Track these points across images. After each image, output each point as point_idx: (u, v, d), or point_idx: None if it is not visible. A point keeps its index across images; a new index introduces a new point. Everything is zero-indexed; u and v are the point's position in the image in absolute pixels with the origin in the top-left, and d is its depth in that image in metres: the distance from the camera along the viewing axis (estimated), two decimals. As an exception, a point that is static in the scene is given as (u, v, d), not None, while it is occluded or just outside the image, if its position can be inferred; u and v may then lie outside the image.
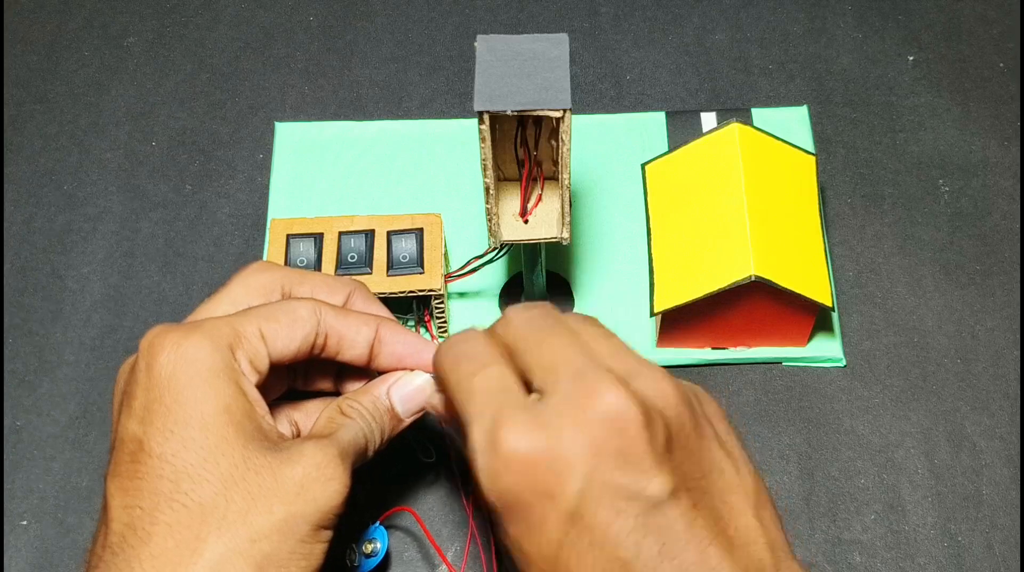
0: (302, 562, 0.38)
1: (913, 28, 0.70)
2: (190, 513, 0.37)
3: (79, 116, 0.67)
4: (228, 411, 0.39)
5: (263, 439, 0.39)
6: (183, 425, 0.38)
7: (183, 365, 0.39)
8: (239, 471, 0.38)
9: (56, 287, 0.60)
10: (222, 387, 0.39)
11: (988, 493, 0.53)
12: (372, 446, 0.44)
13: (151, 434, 0.38)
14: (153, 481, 0.38)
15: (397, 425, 0.45)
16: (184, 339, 0.40)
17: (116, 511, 0.38)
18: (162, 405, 0.39)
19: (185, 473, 0.38)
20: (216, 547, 0.37)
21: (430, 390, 0.45)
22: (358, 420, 0.43)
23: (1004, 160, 0.64)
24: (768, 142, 0.56)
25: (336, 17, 0.71)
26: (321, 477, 0.39)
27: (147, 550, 0.37)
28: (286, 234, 0.54)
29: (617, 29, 0.70)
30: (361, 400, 0.44)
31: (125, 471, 0.38)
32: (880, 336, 0.58)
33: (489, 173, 0.47)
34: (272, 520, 0.38)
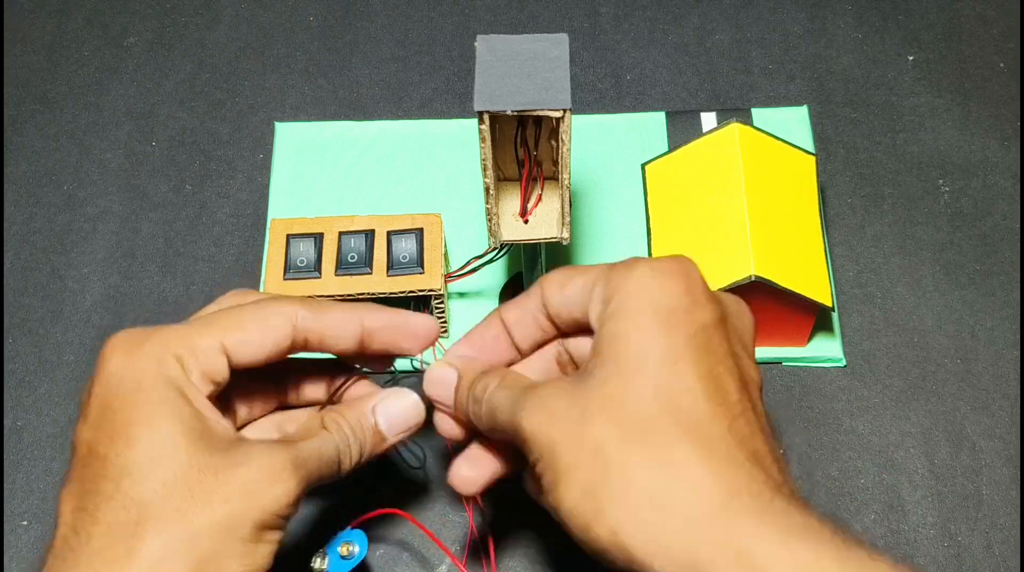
0: (244, 560, 0.38)
1: (913, 28, 0.70)
2: (128, 512, 0.37)
3: (79, 116, 0.67)
4: (175, 414, 0.38)
5: (212, 441, 0.39)
6: (128, 426, 0.38)
7: (132, 372, 0.39)
8: (182, 469, 0.37)
9: (56, 287, 0.60)
10: (168, 394, 0.39)
11: (988, 493, 0.53)
12: (348, 461, 0.43)
13: (99, 438, 0.38)
14: (97, 482, 0.37)
15: (380, 443, 0.44)
16: (136, 348, 0.39)
17: (63, 516, 0.38)
18: (110, 409, 0.38)
19: (127, 472, 0.37)
20: (153, 545, 0.36)
21: (417, 410, 0.45)
22: (334, 433, 0.42)
23: (1004, 160, 0.64)
24: (768, 142, 0.56)
25: (336, 17, 0.71)
26: (265, 479, 0.38)
27: (86, 550, 0.37)
28: (286, 234, 0.54)
29: (617, 29, 0.70)
30: (345, 413, 0.44)
31: (75, 476, 0.38)
32: (880, 336, 0.58)
33: (489, 173, 0.47)
34: (212, 518, 0.37)
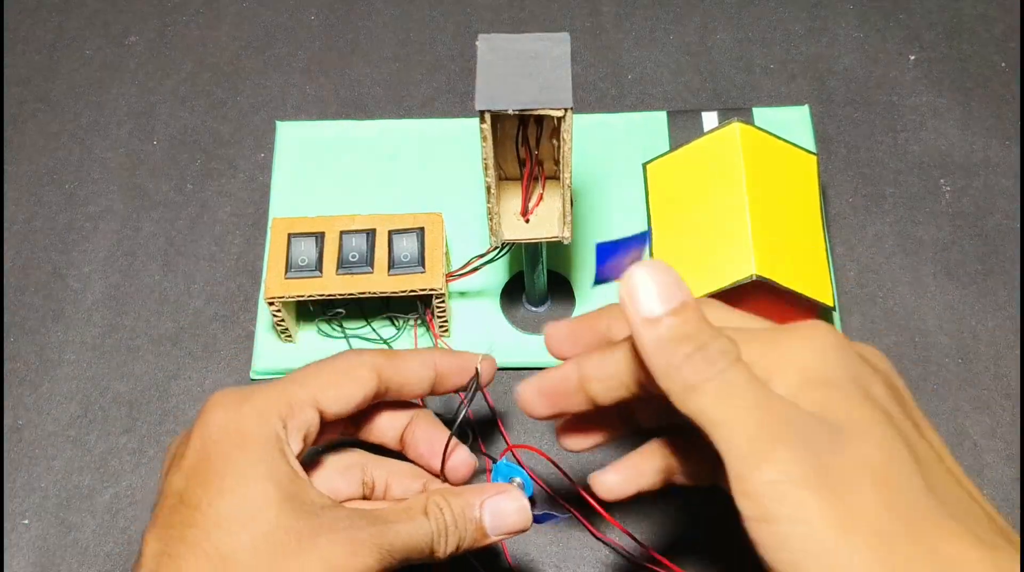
0: None
1: (914, 27, 0.70)
2: (212, 564, 0.37)
3: (80, 115, 0.67)
4: (271, 474, 0.39)
5: (302, 504, 0.40)
6: (223, 477, 0.39)
7: (233, 430, 0.40)
8: (270, 530, 0.38)
9: (57, 286, 0.61)
10: (269, 452, 0.40)
11: (989, 493, 0.53)
12: (442, 549, 0.42)
13: (192, 487, 0.39)
14: (184, 529, 0.38)
15: (481, 539, 0.43)
16: (241, 403, 0.41)
17: (147, 559, 0.39)
18: (208, 463, 0.40)
19: (216, 524, 0.38)
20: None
21: (525, 516, 0.43)
22: (432, 521, 0.41)
23: (1006, 160, 0.64)
24: (769, 141, 0.56)
25: (337, 16, 0.71)
26: (345, 553, 0.39)
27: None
28: (287, 233, 0.54)
29: (619, 28, 0.70)
30: (452, 502, 0.42)
31: (162, 522, 0.39)
32: (881, 336, 0.58)
33: (490, 172, 0.47)
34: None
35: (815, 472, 0.33)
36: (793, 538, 0.32)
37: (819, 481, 0.32)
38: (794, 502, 0.32)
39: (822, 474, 0.33)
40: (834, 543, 0.32)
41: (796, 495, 0.32)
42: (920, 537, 0.32)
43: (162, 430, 0.56)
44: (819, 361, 0.36)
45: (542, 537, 0.52)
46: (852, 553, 0.32)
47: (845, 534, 0.32)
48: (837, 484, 0.33)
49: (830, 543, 0.32)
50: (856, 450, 0.33)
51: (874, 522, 0.32)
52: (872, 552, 0.32)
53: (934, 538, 0.32)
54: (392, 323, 0.57)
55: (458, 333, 0.57)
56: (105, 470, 0.55)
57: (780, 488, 0.33)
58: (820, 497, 0.32)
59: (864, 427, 0.34)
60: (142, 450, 0.55)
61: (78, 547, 0.53)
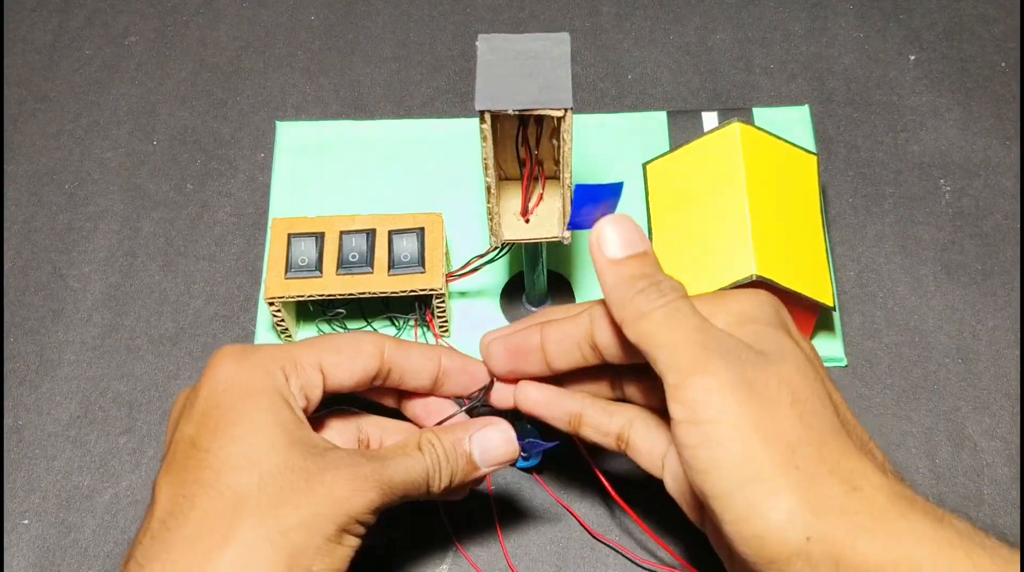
0: (326, 559, 0.40)
1: (914, 27, 0.70)
2: (225, 501, 0.39)
3: (80, 115, 0.67)
4: (277, 420, 0.41)
5: (307, 446, 0.41)
6: (233, 424, 0.41)
7: (240, 379, 0.42)
8: (279, 469, 0.40)
9: (57, 286, 0.61)
10: (274, 400, 0.42)
11: (989, 493, 0.53)
12: (436, 483, 0.44)
13: (203, 433, 0.41)
14: (197, 471, 0.40)
15: (472, 471, 0.45)
16: (245, 357, 0.43)
17: (161, 501, 0.40)
18: (217, 410, 0.42)
19: (228, 464, 0.40)
20: (248, 533, 0.39)
21: (512, 446, 0.46)
22: (426, 455, 0.44)
23: (1006, 160, 0.64)
24: (769, 141, 0.56)
25: (337, 16, 0.71)
26: (349, 487, 0.41)
27: (183, 533, 0.39)
28: (287, 233, 0.54)
29: (618, 28, 0.70)
30: (441, 437, 0.45)
31: (176, 467, 0.41)
32: (881, 336, 0.58)
33: (490, 172, 0.47)
34: (300, 516, 0.40)
35: (742, 383, 0.37)
36: (715, 438, 0.36)
37: (745, 391, 0.37)
38: (720, 406, 0.37)
39: (747, 386, 0.37)
40: (751, 444, 0.36)
41: (723, 400, 0.37)
42: (827, 451, 0.37)
43: (162, 430, 0.56)
44: (753, 306, 0.41)
45: (542, 537, 0.52)
46: (766, 455, 0.36)
47: (762, 438, 0.36)
48: (760, 395, 0.37)
49: (747, 444, 0.36)
50: (779, 370, 0.38)
51: (788, 431, 0.37)
52: (783, 457, 0.36)
53: (838, 453, 0.37)
54: (392, 323, 0.57)
55: (458, 333, 0.57)
56: (105, 470, 0.55)
57: (710, 394, 0.37)
58: (743, 404, 0.37)
59: (787, 355, 0.39)
60: (142, 450, 0.55)
61: (78, 547, 0.53)
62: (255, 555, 0.39)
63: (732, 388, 0.37)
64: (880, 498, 0.36)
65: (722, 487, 0.37)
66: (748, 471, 0.36)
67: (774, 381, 0.38)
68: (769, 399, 0.37)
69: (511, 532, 0.52)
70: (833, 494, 0.36)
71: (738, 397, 0.37)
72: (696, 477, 0.37)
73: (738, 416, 0.36)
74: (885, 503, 0.36)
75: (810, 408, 0.37)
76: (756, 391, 0.37)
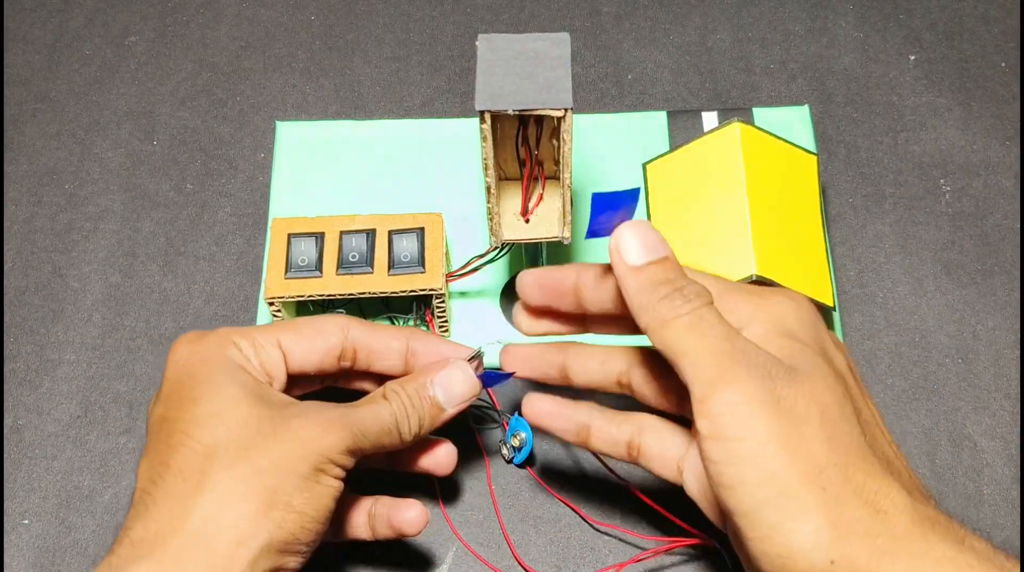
0: (306, 494, 0.41)
1: (914, 28, 0.70)
2: (196, 454, 0.40)
3: (80, 115, 0.67)
4: (236, 380, 0.43)
5: (270, 400, 0.43)
6: (194, 389, 0.43)
7: (197, 356, 0.44)
8: (244, 418, 0.41)
9: (57, 286, 0.61)
10: (231, 365, 0.43)
11: (989, 493, 0.53)
12: (407, 429, 0.45)
13: (169, 408, 0.43)
14: (168, 438, 0.42)
15: (439, 414, 0.46)
16: (200, 339, 0.45)
17: (141, 475, 0.42)
18: (180, 384, 0.43)
19: (195, 423, 0.41)
20: (222, 478, 0.40)
21: (472, 383, 0.47)
22: (393, 404, 0.45)
23: (1006, 160, 0.64)
24: (769, 141, 0.56)
25: (337, 16, 0.71)
26: (318, 429, 0.42)
27: (160, 491, 0.40)
28: (287, 233, 0.54)
29: (618, 28, 0.70)
30: (405, 386, 0.46)
31: (150, 447, 0.42)
32: (881, 336, 0.58)
33: (490, 172, 0.47)
34: (272, 457, 0.41)
35: (770, 398, 0.36)
36: (740, 455, 0.36)
37: (773, 407, 0.36)
38: (747, 422, 0.36)
39: (775, 401, 0.36)
40: (777, 463, 0.36)
41: (750, 416, 0.36)
42: (852, 471, 0.36)
43: (162, 430, 0.56)
44: (790, 318, 0.40)
45: (542, 537, 0.52)
46: (793, 474, 0.36)
47: (789, 457, 0.36)
48: (788, 413, 0.36)
49: (774, 462, 0.36)
50: (808, 388, 0.37)
51: (816, 451, 0.36)
52: (810, 477, 0.36)
53: (864, 473, 0.36)
54: (392, 323, 0.57)
55: (458, 333, 0.57)
56: (105, 470, 0.55)
57: (737, 409, 0.36)
58: (771, 420, 0.36)
59: (818, 374, 0.38)
60: (142, 450, 0.55)
61: (78, 547, 0.53)
62: (231, 496, 0.40)
63: (759, 403, 0.36)
64: (903, 520, 0.36)
65: (748, 504, 0.36)
66: (774, 489, 0.36)
67: (803, 399, 0.37)
68: (797, 417, 0.36)
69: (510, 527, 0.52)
70: (858, 516, 0.36)
71: (766, 413, 0.36)
72: (722, 492, 0.37)
73: (764, 434, 0.36)
74: (908, 525, 0.36)
75: (839, 428, 0.37)
76: (784, 408, 0.36)
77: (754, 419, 0.36)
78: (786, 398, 0.37)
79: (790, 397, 0.37)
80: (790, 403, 0.37)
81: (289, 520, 0.40)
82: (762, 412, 0.36)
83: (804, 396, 0.37)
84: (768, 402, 0.36)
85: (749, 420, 0.36)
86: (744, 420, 0.36)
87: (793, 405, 0.37)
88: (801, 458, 0.36)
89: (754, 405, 0.36)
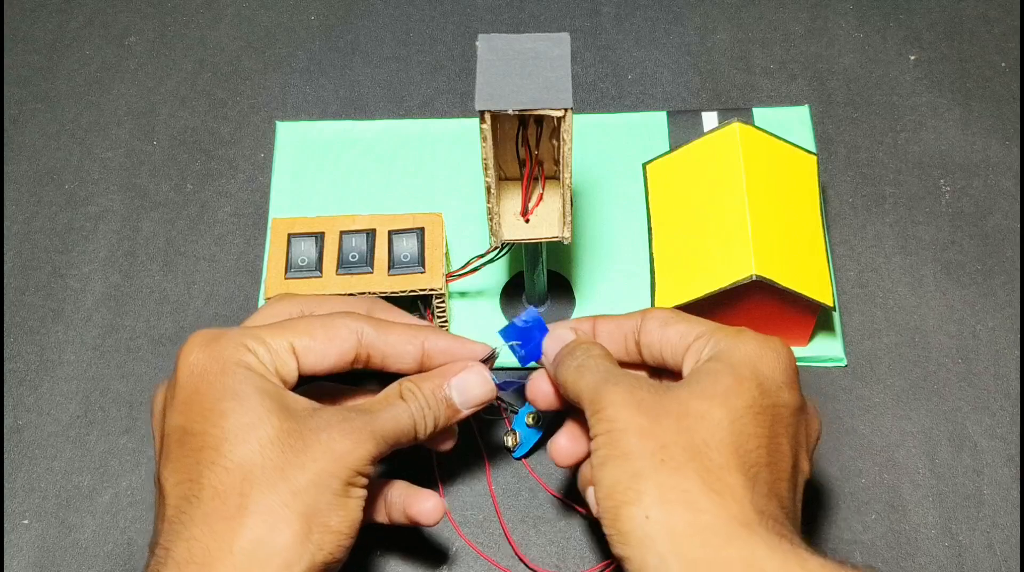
0: (341, 512, 0.41)
1: (915, 28, 0.70)
2: (231, 474, 0.40)
3: (80, 115, 0.67)
4: (259, 389, 0.42)
5: (294, 410, 0.43)
6: (218, 402, 0.41)
7: (213, 360, 0.43)
8: (274, 432, 0.41)
9: (57, 286, 0.61)
10: (250, 374, 0.43)
11: (989, 493, 0.53)
12: (422, 429, 0.45)
13: (192, 418, 0.42)
14: (197, 454, 0.41)
15: (454, 415, 0.47)
16: (213, 341, 0.43)
17: (170, 490, 0.41)
18: (199, 395, 0.42)
19: (224, 440, 0.41)
20: (262, 501, 0.40)
21: (488, 386, 0.47)
22: (411, 404, 0.45)
23: (1006, 160, 0.64)
24: (769, 141, 0.56)
25: (337, 16, 0.71)
26: (347, 442, 0.42)
27: (199, 512, 0.40)
28: (287, 233, 0.54)
29: (618, 28, 0.70)
30: (421, 386, 0.46)
31: (174, 457, 0.42)
32: (881, 336, 0.58)
33: (490, 172, 0.47)
34: (307, 476, 0.41)
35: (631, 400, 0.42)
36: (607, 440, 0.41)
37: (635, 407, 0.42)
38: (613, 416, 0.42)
39: (636, 403, 0.42)
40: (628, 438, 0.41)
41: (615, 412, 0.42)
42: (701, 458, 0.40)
43: (162, 430, 0.56)
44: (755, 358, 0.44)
45: (542, 537, 0.52)
46: (636, 445, 0.41)
47: (637, 435, 0.41)
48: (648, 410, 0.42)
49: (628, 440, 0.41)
50: (677, 395, 0.42)
51: (662, 435, 0.41)
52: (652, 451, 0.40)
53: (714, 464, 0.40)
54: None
55: (458, 333, 0.57)
56: (105, 470, 0.55)
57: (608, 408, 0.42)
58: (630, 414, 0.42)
59: (713, 392, 0.42)
60: (142, 450, 0.55)
61: (78, 547, 0.53)
62: (274, 520, 0.39)
63: (623, 405, 0.42)
64: (738, 508, 0.39)
65: (602, 472, 0.41)
66: (620, 456, 0.41)
67: (666, 400, 0.42)
68: (653, 411, 0.42)
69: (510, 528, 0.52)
70: (688, 488, 0.39)
71: (627, 411, 0.42)
72: (594, 473, 0.42)
73: (624, 423, 0.41)
74: (742, 513, 0.39)
75: (696, 424, 0.41)
76: (644, 407, 0.42)
77: (617, 416, 0.42)
78: (646, 400, 0.42)
79: (650, 400, 0.42)
80: (650, 403, 0.42)
81: (328, 541, 0.41)
82: (625, 412, 0.42)
83: (669, 399, 0.42)
84: (630, 404, 0.42)
85: (615, 417, 0.42)
86: (611, 417, 0.42)
87: (653, 405, 0.42)
88: (648, 437, 0.41)
89: (619, 407, 0.42)
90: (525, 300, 0.58)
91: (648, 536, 0.39)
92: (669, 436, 0.41)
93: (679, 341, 0.46)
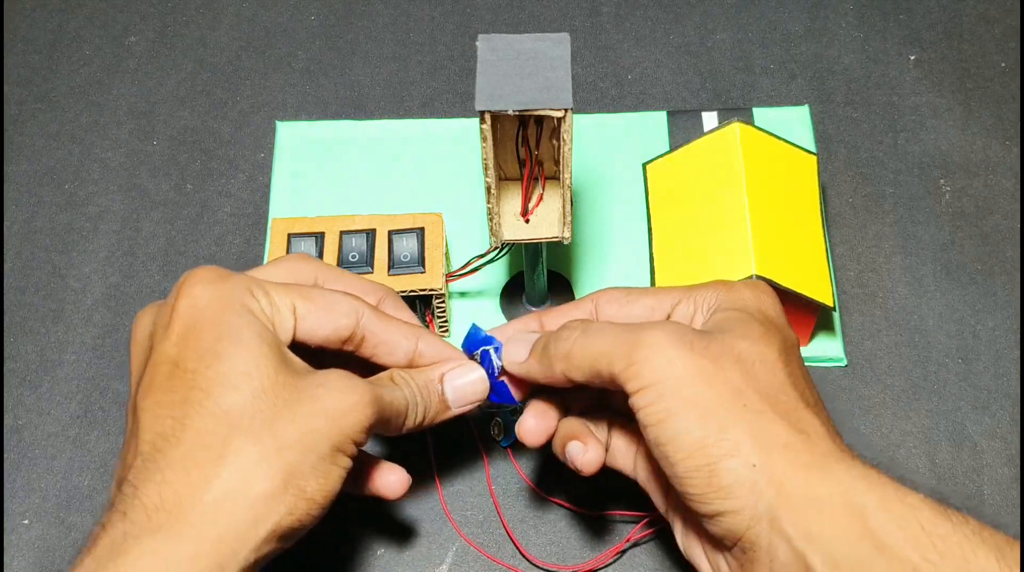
0: (321, 479, 0.39)
1: (915, 27, 0.70)
2: (217, 420, 0.38)
3: (80, 115, 0.67)
4: (262, 337, 0.40)
5: (293, 364, 0.41)
6: (217, 341, 0.40)
7: (218, 297, 0.41)
8: (270, 384, 0.39)
9: (57, 286, 0.60)
10: (254, 320, 0.41)
11: (989, 493, 0.53)
12: (412, 418, 0.44)
13: (187, 353, 0.40)
14: (186, 392, 0.39)
15: (443, 411, 0.46)
16: (220, 279, 0.41)
17: (147, 423, 0.39)
18: (198, 328, 0.40)
19: (217, 382, 0.39)
20: (244, 452, 0.38)
21: (483, 386, 0.47)
22: (404, 388, 0.44)
23: (1006, 160, 0.64)
24: (769, 141, 0.56)
25: (337, 16, 0.71)
26: (345, 404, 0.40)
27: (176, 453, 0.38)
28: (287, 233, 0.54)
29: (618, 28, 0.70)
30: (414, 376, 0.45)
31: (160, 387, 0.40)
32: (881, 336, 0.58)
33: (490, 172, 0.47)
34: (296, 433, 0.39)
35: (682, 342, 0.40)
36: (663, 392, 0.39)
37: (687, 349, 0.39)
38: (664, 365, 0.39)
39: (688, 344, 0.40)
40: (696, 389, 0.39)
41: (666, 361, 0.39)
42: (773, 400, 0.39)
43: (162, 430, 0.56)
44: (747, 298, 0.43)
45: (542, 537, 0.52)
46: (711, 396, 0.39)
47: (705, 384, 0.39)
48: (702, 352, 0.40)
49: (693, 389, 0.39)
50: (723, 338, 0.40)
51: (733, 379, 0.39)
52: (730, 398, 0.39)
53: (787, 404, 0.40)
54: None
55: (458, 333, 0.57)
56: (105, 470, 0.55)
57: (652, 358, 0.39)
58: (685, 359, 0.39)
59: (738, 331, 0.41)
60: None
61: (78, 547, 0.52)
62: (251, 473, 0.38)
63: (672, 348, 0.39)
64: (824, 443, 0.39)
65: (675, 428, 0.39)
66: (696, 411, 0.39)
67: (715, 344, 0.40)
68: (710, 353, 0.40)
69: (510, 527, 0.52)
70: (778, 432, 0.38)
71: (680, 355, 0.39)
72: (651, 433, 0.40)
73: (682, 369, 0.39)
74: (829, 447, 0.39)
75: (758, 368, 0.40)
76: (697, 349, 0.40)
77: (670, 362, 0.39)
78: (697, 342, 0.40)
79: (701, 341, 0.40)
80: (702, 345, 0.40)
81: (299, 508, 0.39)
82: (676, 354, 0.39)
83: (717, 342, 0.40)
84: (681, 345, 0.39)
85: (665, 364, 0.39)
86: (661, 364, 0.39)
87: (706, 347, 0.40)
88: (719, 383, 0.39)
89: (668, 350, 0.39)
90: (525, 300, 0.58)
91: (757, 484, 0.38)
92: (738, 381, 0.39)
93: (651, 315, 0.45)
